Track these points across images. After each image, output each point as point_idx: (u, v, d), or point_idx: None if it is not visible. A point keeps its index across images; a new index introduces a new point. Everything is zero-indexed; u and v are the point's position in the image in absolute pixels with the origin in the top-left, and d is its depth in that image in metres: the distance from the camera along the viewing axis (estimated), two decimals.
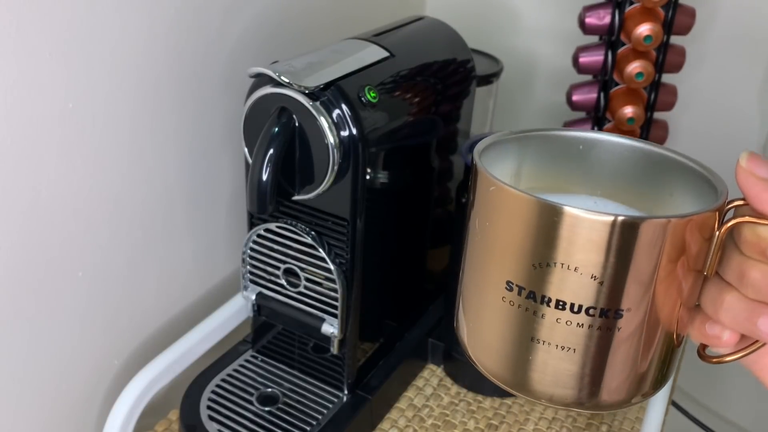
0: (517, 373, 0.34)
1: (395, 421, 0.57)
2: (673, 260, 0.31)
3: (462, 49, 0.60)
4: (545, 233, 0.30)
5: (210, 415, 0.53)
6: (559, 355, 0.32)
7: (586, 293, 0.31)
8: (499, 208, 0.32)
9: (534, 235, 0.31)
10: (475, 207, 0.34)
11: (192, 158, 0.57)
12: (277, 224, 0.51)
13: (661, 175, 0.36)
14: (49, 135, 0.45)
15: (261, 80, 0.47)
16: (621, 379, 0.33)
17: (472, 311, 0.36)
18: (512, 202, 0.31)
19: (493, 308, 0.34)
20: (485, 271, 0.34)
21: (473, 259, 0.35)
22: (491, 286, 0.33)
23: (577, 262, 0.30)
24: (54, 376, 0.51)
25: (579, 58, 0.66)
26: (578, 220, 0.30)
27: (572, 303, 0.31)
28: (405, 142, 0.55)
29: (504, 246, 0.32)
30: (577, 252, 0.30)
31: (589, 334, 0.32)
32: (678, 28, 0.63)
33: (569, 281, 0.31)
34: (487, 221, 0.33)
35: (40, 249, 0.47)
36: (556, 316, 0.31)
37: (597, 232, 0.30)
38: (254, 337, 0.59)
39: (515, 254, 0.32)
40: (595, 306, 0.31)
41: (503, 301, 0.33)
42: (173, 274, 0.59)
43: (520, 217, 0.31)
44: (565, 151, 0.38)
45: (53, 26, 0.43)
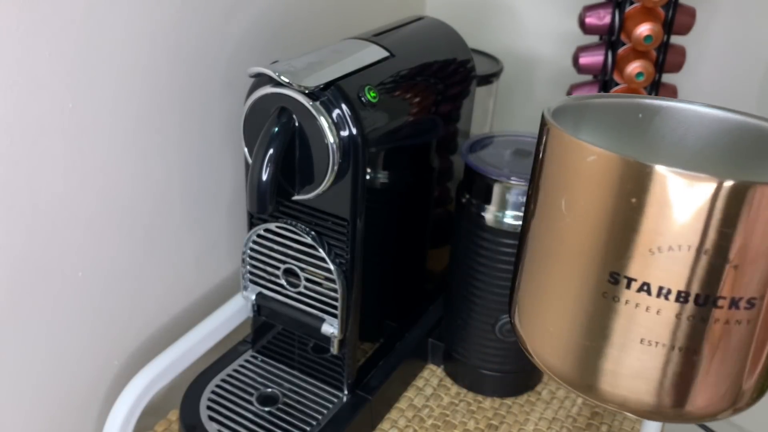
0: (594, 376, 0.29)
1: (395, 422, 0.57)
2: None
3: (462, 49, 0.60)
4: (670, 210, 0.25)
5: (210, 415, 0.53)
6: (667, 356, 0.27)
7: (717, 280, 0.26)
8: (603, 182, 0.26)
9: (655, 214, 0.25)
10: (557, 185, 0.28)
11: (192, 158, 0.57)
12: (277, 224, 0.51)
13: (749, 148, 0.31)
14: (49, 135, 0.45)
15: (261, 80, 0.47)
16: (728, 384, 0.28)
17: (547, 306, 0.31)
18: (626, 172, 0.25)
19: (585, 305, 0.28)
20: (575, 262, 0.28)
21: (553, 249, 0.29)
22: (585, 279, 0.28)
23: (710, 242, 0.25)
24: (54, 376, 0.51)
25: (579, 58, 0.66)
26: (723, 190, 0.24)
27: (698, 294, 0.26)
28: (405, 142, 0.55)
29: (608, 229, 0.27)
30: (710, 229, 0.25)
31: (713, 329, 0.27)
32: (678, 27, 0.63)
33: (696, 267, 0.25)
34: (582, 200, 0.27)
35: (40, 249, 0.47)
36: (675, 311, 0.26)
37: (740, 204, 0.24)
38: (254, 337, 0.59)
39: (624, 238, 0.26)
40: (725, 296, 0.26)
41: (603, 297, 0.27)
42: (173, 274, 0.59)
43: (638, 192, 0.25)
44: (624, 120, 0.33)
45: (53, 26, 0.43)
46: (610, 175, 0.26)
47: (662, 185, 0.25)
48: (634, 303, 0.27)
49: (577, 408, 0.60)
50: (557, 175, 0.28)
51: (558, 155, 0.28)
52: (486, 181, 0.53)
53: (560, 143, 0.28)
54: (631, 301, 0.27)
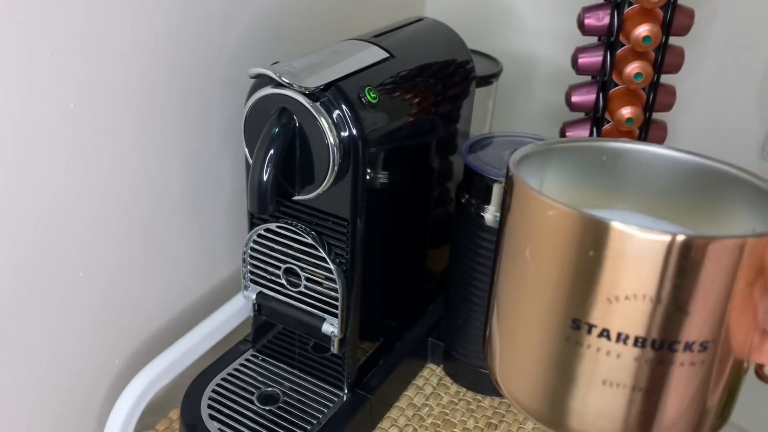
0: (563, 415, 0.30)
1: (395, 420, 0.58)
2: (751, 283, 0.28)
3: (462, 49, 0.60)
4: (625, 262, 0.27)
5: (211, 414, 0.53)
6: (629, 396, 0.29)
7: (672, 326, 0.27)
8: (563, 235, 0.28)
9: (611, 266, 0.27)
10: (521, 234, 0.30)
11: (193, 158, 0.57)
12: (278, 224, 0.51)
13: (700, 187, 0.33)
14: (50, 135, 0.45)
15: (261, 81, 0.47)
16: (685, 419, 0.30)
17: (515, 347, 0.32)
18: (584, 227, 0.27)
19: (549, 348, 0.30)
20: (541, 307, 0.30)
21: (520, 293, 0.31)
22: (549, 324, 0.29)
23: (665, 292, 0.27)
24: (55, 376, 0.51)
25: (578, 58, 0.66)
26: (676, 246, 0.26)
27: (654, 339, 0.27)
28: (405, 143, 0.55)
29: (570, 279, 0.28)
30: (666, 281, 0.26)
31: (666, 371, 0.28)
32: (677, 28, 0.63)
33: (653, 315, 0.27)
34: (544, 251, 0.29)
35: (41, 249, 0.47)
36: (634, 355, 0.28)
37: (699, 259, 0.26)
38: (255, 336, 0.59)
39: (585, 288, 0.28)
40: (679, 341, 0.27)
41: (567, 342, 0.29)
42: (174, 273, 0.59)
43: (596, 246, 0.27)
44: (588, 163, 0.34)
45: (54, 27, 0.43)
46: (568, 229, 0.27)
47: (618, 240, 0.26)
48: (596, 347, 0.28)
49: None
50: (521, 225, 0.30)
51: (521, 206, 0.30)
52: (485, 182, 0.53)
53: (523, 195, 0.29)
54: (593, 346, 0.28)
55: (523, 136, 0.59)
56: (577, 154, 0.34)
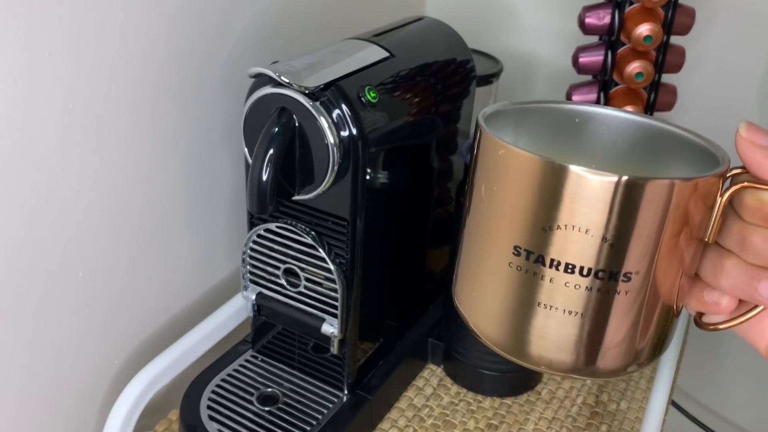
0: (517, 339, 0.34)
1: (395, 421, 0.57)
2: (677, 224, 0.31)
3: (462, 49, 0.60)
4: (555, 195, 0.31)
5: (210, 414, 0.53)
6: (563, 319, 0.33)
7: (596, 256, 0.31)
8: (507, 171, 0.32)
9: (543, 198, 0.31)
10: (480, 173, 0.34)
11: (192, 158, 0.57)
12: (277, 224, 0.51)
13: (659, 149, 0.37)
14: (49, 135, 0.45)
15: (261, 80, 0.47)
16: (621, 346, 0.34)
17: (474, 278, 0.36)
18: (522, 163, 0.31)
19: (497, 274, 0.34)
20: (491, 237, 0.34)
21: (477, 226, 0.35)
22: (497, 252, 0.33)
23: (587, 223, 0.30)
24: (54, 376, 0.51)
25: (579, 58, 0.66)
26: (588, 181, 0.30)
27: (582, 266, 0.31)
28: (405, 142, 0.55)
29: (512, 210, 0.32)
30: (588, 213, 0.30)
31: (596, 297, 0.32)
32: (678, 28, 0.63)
33: (579, 244, 0.31)
34: (495, 186, 0.33)
35: (40, 249, 0.47)
36: (564, 280, 0.32)
37: (606, 192, 0.30)
38: (254, 337, 0.59)
39: (524, 218, 0.32)
40: (604, 269, 0.31)
41: (510, 267, 0.33)
42: (173, 274, 0.59)
43: (529, 179, 0.31)
44: (561, 124, 0.38)
45: (53, 26, 0.43)
46: (513, 165, 0.32)
47: (545, 173, 0.31)
48: (532, 272, 0.32)
49: (577, 408, 0.60)
50: (480, 165, 0.34)
51: (481, 148, 0.34)
52: None
53: (483, 138, 0.34)
54: (530, 271, 0.32)
55: None
56: (551, 115, 0.38)
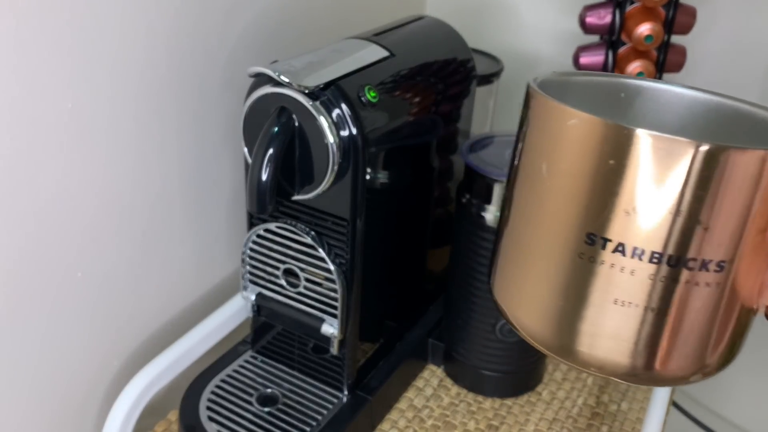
0: (568, 337, 0.30)
1: (395, 422, 0.57)
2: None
3: (462, 48, 0.60)
4: (646, 173, 0.26)
5: (209, 415, 0.53)
6: (633, 316, 0.28)
7: (688, 242, 0.26)
8: (582, 145, 0.27)
9: (630, 176, 0.26)
10: (537, 148, 0.29)
11: (192, 158, 0.57)
12: (277, 224, 0.51)
13: (721, 127, 0.32)
14: (48, 135, 0.44)
15: (261, 80, 0.47)
16: (692, 349, 0.29)
17: (523, 269, 0.31)
18: (605, 135, 0.26)
19: (560, 266, 0.29)
20: (553, 223, 0.29)
21: (533, 210, 0.30)
22: (562, 241, 0.28)
23: (679, 204, 0.26)
24: (53, 377, 0.51)
25: (579, 57, 0.66)
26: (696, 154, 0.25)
27: (669, 255, 0.27)
28: (405, 142, 0.55)
29: (586, 191, 0.27)
30: (687, 191, 0.26)
31: (681, 290, 0.27)
32: (679, 27, 0.63)
33: (667, 228, 0.26)
34: (562, 163, 0.28)
35: (39, 249, 0.46)
36: (648, 272, 0.27)
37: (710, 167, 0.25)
38: (254, 337, 0.59)
39: (602, 200, 0.27)
40: (695, 257, 0.27)
41: (580, 258, 0.28)
42: (173, 274, 0.59)
43: (614, 154, 0.26)
44: (605, 99, 0.33)
45: (53, 26, 0.42)
46: (590, 138, 0.27)
47: (641, 147, 0.25)
48: (610, 263, 0.27)
49: (578, 409, 0.60)
50: (539, 140, 0.29)
51: (541, 120, 0.29)
52: (486, 181, 0.53)
53: (543, 108, 0.29)
54: (607, 262, 0.27)
55: None
56: (595, 90, 0.34)
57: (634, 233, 0.27)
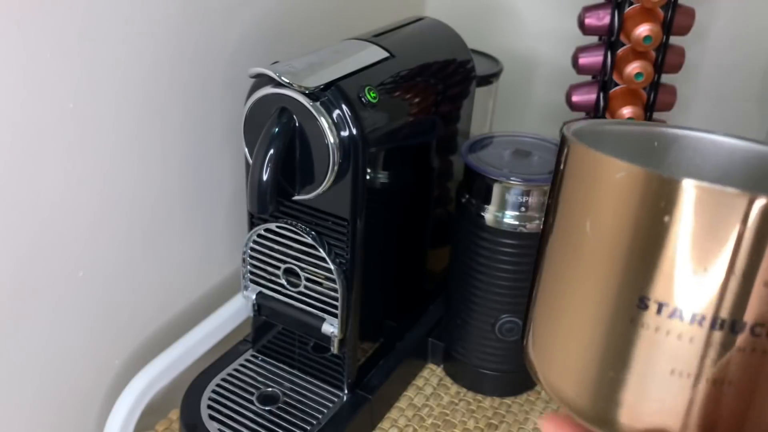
0: (611, 408, 0.27)
1: (395, 421, 0.58)
2: None
3: (462, 49, 0.60)
4: (709, 230, 0.23)
5: (210, 414, 0.53)
6: (698, 388, 0.25)
7: (755, 306, 0.24)
8: (633, 201, 0.24)
9: (693, 234, 0.23)
10: (579, 203, 0.26)
11: (192, 158, 0.57)
12: (278, 224, 0.51)
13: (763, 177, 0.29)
14: (49, 135, 0.45)
15: (261, 81, 0.47)
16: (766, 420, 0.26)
17: (566, 335, 0.28)
18: (662, 190, 0.23)
19: (609, 334, 0.26)
20: (600, 287, 0.26)
21: (575, 273, 0.27)
22: (612, 305, 0.26)
23: (749, 266, 0.23)
24: (55, 376, 0.51)
25: (578, 58, 0.66)
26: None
27: (734, 320, 0.24)
28: (405, 142, 0.55)
29: (639, 251, 0.25)
30: (754, 251, 0.23)
31: (748, 360, 0.24)
32: (677, 28, 0.63)
33: (736, 292, 0.24)
34: (609, 220, 0.25)
35: (40, 249, 0.47)
36: (709, 339, 0.24)
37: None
38: (254, 336, 0.59)
39: (658, 261, 0.24)
40: (764, 323, 0.24)
41: (631, 324, 0.25)
42: (173, 274, 0.59)
43: (672, 211, 0.23)
44: (639, 148, 0.31)
45: (54, 26, 0.43)
46: (639, 192, 0.24)
47: (699, 202, 0.23)
48: (665, 330, 0.25)
49: None
50: (580, 195, 0.26)
51: (581, 173, 0.26)
52: (486, 181, 0.53)
53: (584, 160, 0.26)
54: (662, 328, 0.25)
55: (524, 135, 0.59)
56: (627, 139, 0.31)
57: (693, 296, 0.24)
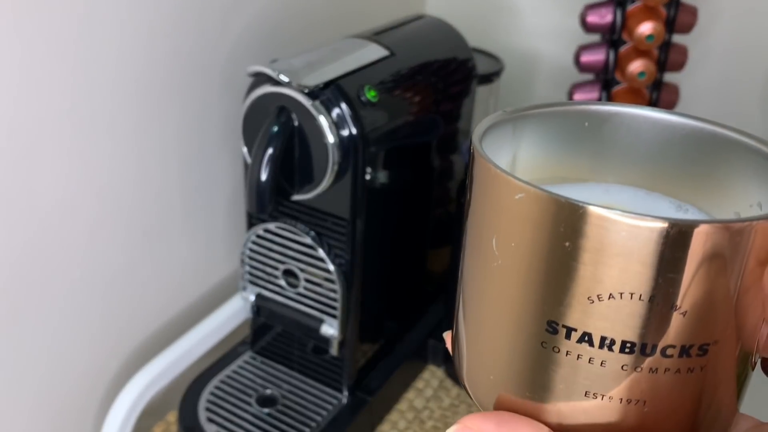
0: None
1: (395, 423, 0.57)
2: (759, 271, 0.23)
3: (462, 47, 0.60)
4: (610, 253, 0.22)
5: (209, 416, 0.52)
6: (617, 409, 0.25)
7: (664, 329, 0.23)
8: (533, 222, 0.23)
9: (594, 259, 0.23)
10: (485, 219, 0.25)
11: (191, 158, 0.56)
12: (277, 224, 0.51)
13: (702, 156, 0.28)
14: (47, 135, 0.44)
15: (260, 79, 0.47)
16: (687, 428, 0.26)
17: (484, 353, 0.28)
18: (561, 214, 0.22)
19: (522, 355, 0.25)
20: (510, 308, 0.25)
21: (487, 290, 0.26)
22: (522, 327, 0.25)
23: (651, 289, 0.22)
24: (53, 377, 0.51)
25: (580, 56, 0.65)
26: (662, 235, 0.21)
27: (644, 343, 0.23)
28: (405, 142, 0.55)
29: (544, 275, 0.24)
30: (653, 276, 0.22)
31: (662, 380, 0.24)
32: (680, 26, 0.63)
33: (640, 316, 0.23)
34: (513, 241, 0.24)
35: (39, 250, 0.46)
36: (621, 362, 0.24)
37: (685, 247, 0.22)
38: (253, 338, 0.58)
39: (562, 285, 0.23)
40: (673, 344, 0.23)
41: (542, 347, 0.24)
42: (172, 274, 0.59)
43: (571, 234, 0.22)
44: (569, 131, 0.30)
45: (52, 27, 0.42)
46: (541, 215, 0.23)
47: (598, 228, 0.22)
48: (576, 354, 0.24)
49: None
50: (486, 210, 0.25)
51: (485, 188, 0.25)
52: None
53: (487, 175, 0.24)
54: (573, 352, 0.24)
55: None
56: (554, 121, 0.30)
57: (601, 322, 0.23)
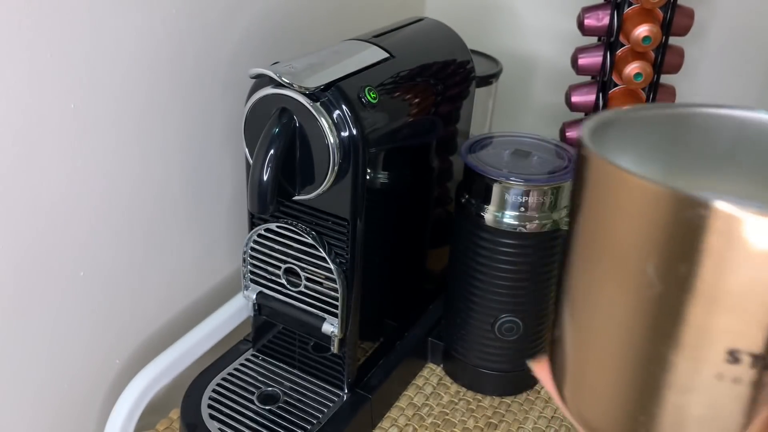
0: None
1: (395, 420, 0.58)
2: None
3: (461, 50, 0.60)
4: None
5: (211, 413, 0.53)
6: None
7: None
8: (712, 242, 0.20)
9: None
10: (640, 243, 0.21)
11: (193, 159, 0.57)
12: (278, 224, 0.51)
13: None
14: (50, 136, 0.45)
15: (262, 81, 0.47)
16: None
17: (635, 391, 0.23)
18: (748, 230, 0.19)
19: (692, 389, 0.22)
20: (675, 340, 0.22)
21: (636, 322, 0.22)
22: (688, 361, 0.22)
23: None
24: (56, 376, 0.51)
25: (578, 59, 0.66)
26: None
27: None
28: (405, 143, 0.55)
29: (727, 300, 0.20)
30: None
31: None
32: (676, 28, 0.63)
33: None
34: (683, 265, 0.20)
35: (41, 249, 0.47)
36: None
37: None
38: (255, 336, 0.59)
39: (751, 310, 0.20)
40: None
41: (719, 380, 0.21)
42: (174, 273, 0.59)
43: None
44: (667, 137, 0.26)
45: (54, 27, 0.43)
46: (733, 235, 0.19)
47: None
48: (764, 382, 0.21)
49: None
50: (633, 230, 0.21)
51: (638, 206, 0.21)
52: (485, 181, 0.53)
53: (641, 192, 0.20)
54: (758, 382, 0.21)
55: (524, 135, 0.59)
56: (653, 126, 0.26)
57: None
